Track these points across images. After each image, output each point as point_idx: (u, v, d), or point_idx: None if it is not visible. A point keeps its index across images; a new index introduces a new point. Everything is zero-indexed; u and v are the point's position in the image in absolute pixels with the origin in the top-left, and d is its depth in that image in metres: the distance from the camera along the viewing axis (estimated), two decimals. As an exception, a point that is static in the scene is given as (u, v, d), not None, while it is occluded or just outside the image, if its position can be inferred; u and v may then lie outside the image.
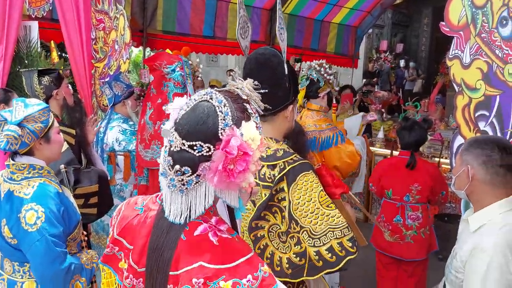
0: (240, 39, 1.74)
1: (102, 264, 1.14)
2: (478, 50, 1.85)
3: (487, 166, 1.56)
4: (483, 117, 1.87)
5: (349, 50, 8.00)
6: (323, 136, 3.18)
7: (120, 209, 1.16)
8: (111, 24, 3.74)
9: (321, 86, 3.23)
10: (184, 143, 0.96)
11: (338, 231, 1.53)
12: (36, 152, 1.85)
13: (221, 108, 0.97)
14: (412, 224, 2.90)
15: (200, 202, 0.99)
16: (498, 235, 1.52)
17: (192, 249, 0.95)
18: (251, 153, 0.95)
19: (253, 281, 0.91)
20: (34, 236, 1.70)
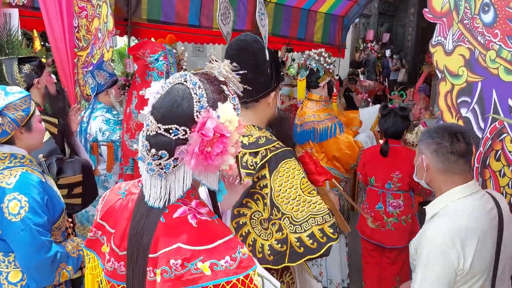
0: (222, 25, 1.72)
1: (86, 248, 1.14)
2: (460, 37, 1.86)
3: (438, 154, 1.58)
4: (465, 104, 1.88)
5: (336, 39, 7.98)
6: (321, 126, 3.20)
7: (106, 194, 1.16)
8: (94, 12, 3.68)
9: (321, 75, 3.24)
10: (160, 126, 0.95)
11: (319, 217, 1.54)
12: (17, 141, 1.82)
13: (195, 90, 0.96)
14: (393, 212, 2.93)
15: (179, 185, 0.98)
16: (445, 223, 1.54)
17: (171, 231, 0.95)
18: (228, 135, 0.95)
19: (231, 262, 0.92)
20: (18, 226, 1.68)
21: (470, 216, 1.52)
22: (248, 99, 1.67)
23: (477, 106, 1.84)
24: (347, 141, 3.22)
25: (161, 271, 0.92)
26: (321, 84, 3.27)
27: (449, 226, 1.51)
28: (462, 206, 1.55)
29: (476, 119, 1.85)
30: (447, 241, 1.48)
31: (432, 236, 1.53)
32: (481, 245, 1.49)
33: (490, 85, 1.79)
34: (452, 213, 1.55)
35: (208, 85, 0.99)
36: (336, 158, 3.24)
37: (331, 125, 3.19)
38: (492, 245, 1.52)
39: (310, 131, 3.27)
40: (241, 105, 1.70)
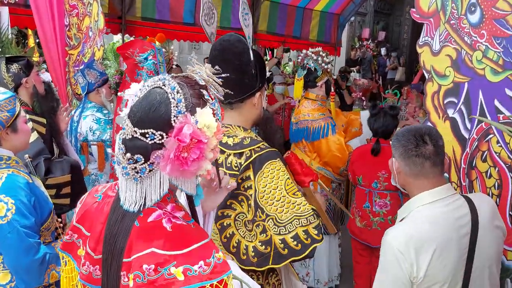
0: (205, 25, 1.70)
1: (61, 251, 1.12)
2: (447, 37, 1.85)
3: (405, 157, 1.55)
4: (451, 104, 1.88)
5: (332, 37, 7.97)
6: (314, 125, 3.20)
7: (83, 197, 1.14)
8: (85, 10, 3.66)
9: (319, 75, 3.23)
10: (136, 130, 0.94)
11: (303, 219, 1.53)
12: (3, 142, 1.81)
13: (173, 95, 0.94)
14: (379, 211, 2.93)
15: (155, 190, 0.98)
16: (403, 229, 1.51)
17: (145, 235, 0.95)
18: (205, 141, 0.94)
19: (204, 267, 0.91)
20: (5, 229, 1.68)
21: (432, 224, 1.48)
22: (232, 99, 1.66)
23: (463, 106, 1.83)
24: (337, 143, 3.22)
25: (134, 276, 0.91)
26: (318, 83, 3.27)
27: (406, 234, 1.48)
28: (426, 212, 1.51)
29: (462, 120, 1.85)
30: (401, 249, 1.45)
31: (389, 242, 1.50)
32: (439, 254, 1.45)
33: (477, 85, 1.78)
34: (414, 220, 1.52)
35: (188, 89, 0.98)
36: (326, 161, 3.24)
37: (324, 125, 3.20)
38: (456, 254, 1.47)
39: (304, 129, 3.28)
40: (226, 106, 1.71)
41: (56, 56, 3.74)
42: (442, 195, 1.53)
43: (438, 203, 1.52)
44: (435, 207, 1.51)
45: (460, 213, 1.51)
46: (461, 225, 1.49)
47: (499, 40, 1.69)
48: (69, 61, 3.81)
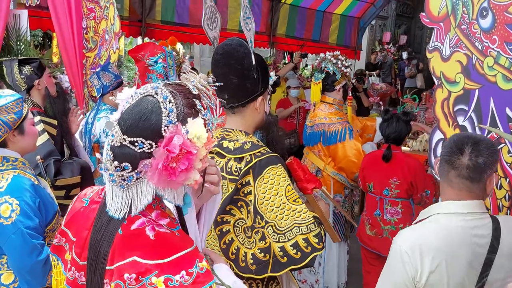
0: (208, 29, 1.70)
1: (51, 253, 1.13)
2: (458, 42, 1.80)
3: (442, 163, 1.51)
4: (462, 112, 1.82)
5: (352, 41, 7.91)
6: (331, 129, 3.16)
7: (73, 200, 1.14)
8: (102, 14, 3.71)
9: (337, 79, 3.20)
10: (125, 138, 0.93)
11: (304, 226, 1.49)
12: (10, 144, 1.84)
13: (165, 104, 0.93)
14: (390, 219, 2.86)
15: (141, 198, 0.96)
16: (414, 233, 1.50)
17: (127, 243, 0.94)
18: (194, 152, 0.92)
19: (186, 278, 0.89)
20: (9, 229, 1.70)
21: (445, 235, 1.45)
22: (234, 104, 1.65)
23: (474, 114, 1.78)
24: (355, 148, 3.17)
25: (115, 285, 0.90)
26: (336, 87, 3.23)
27: (417, 238, 1.47)
28: (443, 221, 1.48)
29: (473, 128, 1.79)
30: (408, 251, 1.45)
31: (398, 243, 1.50)
32: (445, 268, 1.42)
33: (488, 93, 1.72)
34: (429, 226, 1.50)
35: (180, 98, 0.96)
36: (341, 166, 3.19)
37: (341, 129, 3.15)
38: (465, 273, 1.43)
39: (320, 133, 3.23)
40: (228, 110, 1.70)
41: (73, 59, 3.81)
42: (467, 210, 1.47)
43: (459, 216, 1.47)
44: (454, 219, 1.47)
45: (480, 232, 1.45)
46: (478, 244, 1.44)
47: (511, 46, 1.63)
48: (86, 63, 3.88)
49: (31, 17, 4.03)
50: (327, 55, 3.24)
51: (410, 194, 2.87)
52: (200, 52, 11.41)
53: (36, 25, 4.64)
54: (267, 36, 6.98)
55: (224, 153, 1.63)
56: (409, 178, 2.81)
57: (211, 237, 1.66)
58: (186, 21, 5.92)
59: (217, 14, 1.70)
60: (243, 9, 1.69)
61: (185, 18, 5.90)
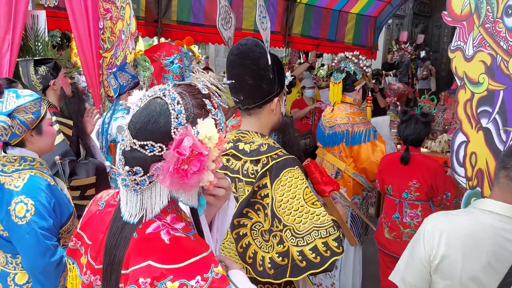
0: (222, 30, 1.67)
1: (67, 257, 1.12)
2: (481, 42, 1.74)
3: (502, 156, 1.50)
4: (485, 113, 1.77)
5: (368, 41, 7.83)
6: (355, 129, 3.10)
7: (89, 204, 1.13)
8: (118, 14, 3.73)
9: (358, 78, 3.14)
10: (135, 142, 0.91)
11: (323, 230, 1.46)
12: (28, 143, 1.84)
13: (174, 106, 0.91)
14: (410, 223, 2.80)
15: (155, 202, 0.95)
16: (443, 218, 1.53)
17: (142, 247, 0.92)
18: (206, 153, 0.90)
19: (201, 283, 0.87)
20: (24, 229, 1.70)
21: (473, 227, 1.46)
22: (250, 105, 1.62)
23: (498, 116, 1.72)
24: (379, 149, 3.11)
25: None
26: (357, 87, 3.17)
27: (442, 222, 1.51)
28: (476, 216, 1.48)
29: (497, 131, 1.73)
30: (429, 231, 1.51)
31: (424, 223, 1.56)
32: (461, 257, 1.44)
33: (513, 94, 1.67)
34: (461, 215, 1.53)
35: (190, 99, 0.94)
36: (363, 167, 3.13)
37: (365, 129, 3.08)
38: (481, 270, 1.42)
39: (343, 133, 3.16)
40: (244, 112, 1.68)
41: (90, 59, 3.83)
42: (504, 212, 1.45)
43: (495, 215, 1.45)
44: (489, 217, 1.46)
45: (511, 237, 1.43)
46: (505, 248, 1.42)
47: (538, 46, 1.57)
48: (103, 64, 3.89)
49: (49, 18, 4.07)
50: (347, 54, 3.18)
51: (430, 197, 2.80)
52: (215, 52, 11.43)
53: (54, 25, 4.69)
54: (283, 36, 6.95)
55: (240, 155, 1.60)
56: (429, 181, 2.75)
57: (227, 241, 1.63)
58: (201, 21, 5.92)
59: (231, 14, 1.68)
60: (258, 8, 1.66)
61: (201, 18, 5.90)
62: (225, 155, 1.66)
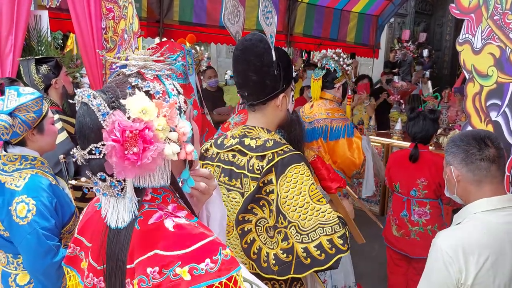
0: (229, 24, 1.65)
1: (65, 265, 1.08)
2: (490, 34, 1.71)
3: (467, 163, 1.45)
4: (495, 107, 1.73)
5: (370, 39, 7.80)
6: (334, 125, 3.03)
7: (86, 208, 1.11)
8: (120, 13, 3.70)
9: (338, 76, 3.09)
10: (84, 153, 0.90)
11: (328, 227, 1.44)
12: (29, 142, 1.82)
13: (92, 101, 0.89)
14: (418, 220, 2.77)
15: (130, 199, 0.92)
16: (455, 234, 1.44)
17: (146, 238, 0.90)
18: (142, 127, 0.87)
19: (211, 265, 0.85)
20: (25, 229, 1.67)
21: (486, 232, 1.39)
22: (254, 101, 1.60)
23: (508, 109, 1.69)
24: (355, 146, 3.05)
25: (138, 281, 0.86)
26: (336, 85, 3.10)
27: (457, 238, 1.41)
28: (482, 219, 1.43)
29: (507, 124, 1.70)
30: (450, 252, 1.39)
31: (438, 244, 1.44)
32: (490, 265, 1.36)
33: (523, 86, 1.63)
34: (468, 225, 1.45)
35: (114, 87, 0.92)
36: (338, 163, 3.08)
37: (344, 126, 3.03)
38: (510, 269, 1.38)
39: (322, 128, 3.10)
40: (249, 108, 1.65)
41: (93, 59, 3.81)
42: (501, 205, 1.43)
43: (496, 212, 1.42)
44: (494, 215, 1.42)
45: None
46: None
47: (548, 37, 1.54)
48: (105, 64, 3.88)
49: (52, 19, 4.06)
50: (328, 52, 3.13)
51: (438, 195, 2.77)
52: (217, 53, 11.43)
53: (57, 27, 4.68)
54: (284, 35, 6.93)
55: (245, 151, 1.58)
56: (437, 179, 2.72)
57: (232, 237, 1.61)
58: (204, 21, 5.91)
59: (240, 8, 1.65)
60: (262, 3, 1.64)
61: (203, 18, 5.89)
62: (231, 150, 1.63)
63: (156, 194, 0.97)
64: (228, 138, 1.67)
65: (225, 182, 1.64)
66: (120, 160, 0.86)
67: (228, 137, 1.68)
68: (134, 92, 0.91)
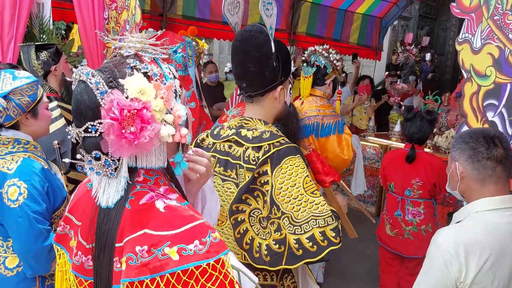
0: (228, 15, 1.65)
1: (55, 243, 1.09)
2: (490, 34, 1.71)
3: (474, 160, 1.43)
4: (492, 107, 1.74)
5: (373, 41, 7.79)
6: (325, 121, 3.01)
7: (77, 188, 1.11)
8: (123, 4, 3.70)
9: (328, 72, 3.06)
10: (80, 131, 0.91)
11: (321, 219, 1.44)
12: (23, 126, 1.81)
13: (90, 79, 0.89)
14: (412, 220, 2.77)
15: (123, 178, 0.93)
16: (456, 232, 1.42)
17: (137, 217, 0.90)
18: (141, 106, 0.88)
19: (200, 247, 0.86)
20: (16, 213, 1.67)
21: (488, 232, 1.38)
22: (252, 93, 1.60)
23: (505, 110, 1.69)
24: (345, 143, 3.04)
25: (126, 258, 0.86)
26: (327, 81, 3.08)
27: (459, 236, 1.39)
28: (484, 219, 1.42)
29: (503, 124, 1.70)
30: (451, 250, 1.37)
31: (440, 242, 1.42)
32: (491, 264, 1.35)
33: (521, 87, 1.64)
34: (470, 224, 1.43)
35: (111, 67, 0.93)
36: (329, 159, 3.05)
37: (335, 122, 3.01)
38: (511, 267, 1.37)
39: (313, 125, 3.07)
40: (247, 99, 1.65)
41: (94, 49, 3.81)
42: (503, 205, 1.42)
43: (497, 212, 1.42)
44: (494, 216, 1.41)
45: None
46: None
47: (547, 38, 1.54)
48: (107, 54, 3.87)
49: (54, 9, 4.06)
50: (317, 48, 3.09)
51: (432, 195, 2.78)
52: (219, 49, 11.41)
53: (59, 16, 4.68)
54: (288, 34, 6.92)
55: (242, 142, 1.58)
56: (433, 179, 2.73)
57: (226, 227, 1.61)
58: (207, 16, 5.90)
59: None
60: (264, -7, 1.64)
61: (206, 13, 5.88)
62: (228, 141, 1.64)
63: (148, 176, 0.98)
64: (225, 128, 1.68)
65: (220, 172, 1.64)
66: (117, 138, 0.86)
67: (225, 127, 1.68)
68: (132, 73, 0.92)
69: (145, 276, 0.84)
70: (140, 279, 0.84)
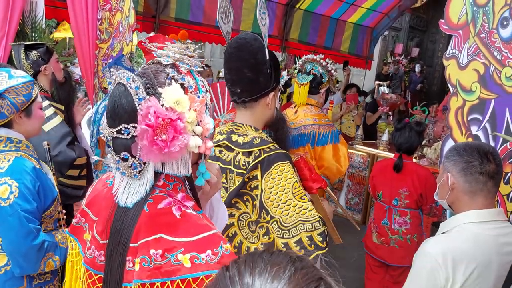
0: (222, 23, 1.69)
1: (69, 234, 1.12)
2: (476, 51, 1.77)
3: (466, 173, 1.47)
4: (476, 121, 1.79)
5: (364, 51, 7.90)
6: (321, 131, 3.05)
7: (95, 183, 1.14)
8: (117, 5, 3.72)
9: (324, 81, 3.10)
10: (112, 131, 0.94)
11: (309, 224, 1.48)
12: (15, 125, 1.81)
13: (130, 84, 0.93)
14: (398, 229, 2.83)
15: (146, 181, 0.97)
16: (444, 241, 1.46)
17: (154, 221, 0.93)
18: (175, 117, 0.91)
19: (212, 256, 0.89)
20: (6, 211, 1.67)
21: (475, 243, 1.42)
22: (246, 98, 1.63)
23: (488, 124, 1.75)
24: (341, 153, 3.08)
25: (140, 260, 0.90)
26: (321, 90, 3.11)
27: (447, 245, 1.43)
28: (472, 230, 1.45)
29: (486, 138, 1.76)
30: (439, 259, 1.40)
31: (427, 251, 1.45)
32: (478, 275, 1.38)
33: (504, 103, 1.70)
34: (458, 235, 1.47)
35: (151, 73, 0.97)
36: (324, 168, 3.10)
37: (330, 132, 3.05)
38: (495, 279, 1.41)
39: (310, 134, 3.10)
40: (240, 105, 1.69)
41: (86, 49, 3.81)
42: (490, 219, 1.46)
43: (485, 225, 1.45)
44: (481, 228, 1.45)
45: (503, 240, 1.44)
46: (505, 252, 1.43)
47: (531, 57, 1.60)
48: (98, 54, 3.88)
49: (47, 7, 4.04)
50: (314, 56, 3.12)
51: (419, 205, 2.83)
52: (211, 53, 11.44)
53: (52, 14, 4.66)
54: (280, 40, 6.98)
55: (233, 147, 1.61)
56: (419, 190, 2.78)
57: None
58: (200, 19, 5.92)
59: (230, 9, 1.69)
60: (259, 3, 1.68)
61: (199, 16, 5.90)
62: (218, 146, 1.67)
63: (168, 181, 1.00)
64: (216, 134, 1.71)
65: (210, 177, 1.67)
66: (149, 144, 0.90)
67: (215, 133, 1.71)
68: (170, 82, 0.96)
69: (157, 279, 0.87)
70: (151, 282, 0.88)
